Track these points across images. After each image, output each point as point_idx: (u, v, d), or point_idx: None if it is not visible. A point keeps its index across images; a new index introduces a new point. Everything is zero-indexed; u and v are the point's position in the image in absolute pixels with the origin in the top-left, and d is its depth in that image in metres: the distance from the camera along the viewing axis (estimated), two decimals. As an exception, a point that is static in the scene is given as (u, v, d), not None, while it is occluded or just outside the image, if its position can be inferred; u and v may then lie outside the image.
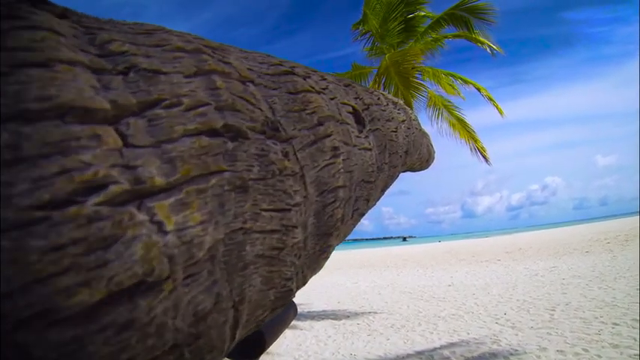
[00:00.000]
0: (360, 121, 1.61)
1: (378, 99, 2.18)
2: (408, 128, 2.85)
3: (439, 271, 14.24)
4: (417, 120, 3.72)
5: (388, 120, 2.14)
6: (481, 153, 8.84)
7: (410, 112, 3.33)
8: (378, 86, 8.05)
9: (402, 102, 3.38)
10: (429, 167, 5.47)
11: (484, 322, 6.41)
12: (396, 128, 2.26)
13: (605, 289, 7.60)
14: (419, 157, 3.87)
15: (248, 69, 1.00)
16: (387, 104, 2.36)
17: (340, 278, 14.62)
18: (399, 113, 2.62)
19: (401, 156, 2.43)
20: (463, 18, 7.92)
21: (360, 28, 8.69)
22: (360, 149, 1.51)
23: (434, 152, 5.72)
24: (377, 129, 1.83)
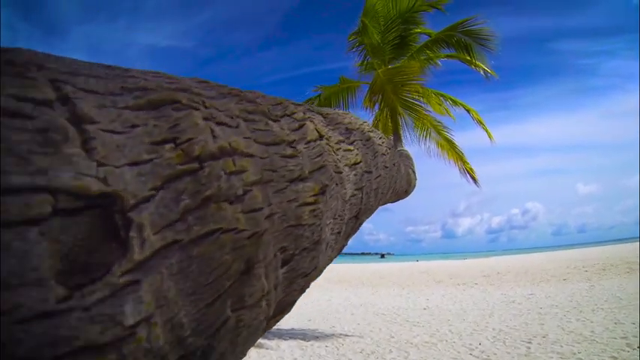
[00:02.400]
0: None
1: (286, 128, 1.22)
2: (368, 172, 1.92)
3: (415, 292, 13.95)
4: (391, 151, 2.96)
5: (289, 181, 1.09)
6: (470, 174, 8.69)
7: (381, 142, 2.52)
8: (372, 104, 7.80)
9: (366, 124, 2.53)
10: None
11: (458, 352, 6.10)
12: (320, 193, 1.26)
13: (584, 322, 7.41)
14: (394, 193, 3.39)
15: None
16: (317, 140, 1.33)
17: (314, 293, 14.18)
18: (348, 151, 1.67)
19: (339, 233, 1.56)
20: (463, 41, 7.67)
21: (357, 38, 8.43)
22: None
23: (415, 179, 5.33)
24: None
